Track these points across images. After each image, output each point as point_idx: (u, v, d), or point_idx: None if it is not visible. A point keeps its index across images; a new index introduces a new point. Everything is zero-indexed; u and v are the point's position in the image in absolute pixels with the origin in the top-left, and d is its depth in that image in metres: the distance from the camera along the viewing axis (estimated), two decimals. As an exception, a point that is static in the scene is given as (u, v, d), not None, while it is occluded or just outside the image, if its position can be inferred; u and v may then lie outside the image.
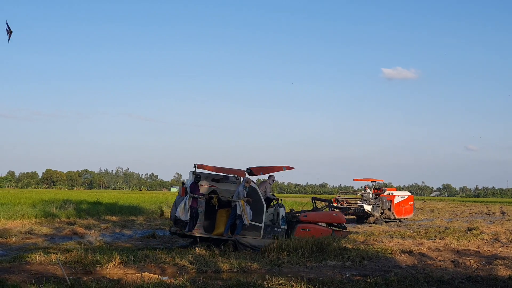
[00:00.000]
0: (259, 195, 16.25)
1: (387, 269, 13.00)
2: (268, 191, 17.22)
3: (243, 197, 15.78)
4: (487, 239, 19.73)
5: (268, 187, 17.34)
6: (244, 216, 15.66)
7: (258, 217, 16.05)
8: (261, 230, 16.00)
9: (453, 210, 49.92)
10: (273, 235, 16.01)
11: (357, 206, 30.17)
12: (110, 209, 31.08)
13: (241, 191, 15.88)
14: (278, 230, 16.23)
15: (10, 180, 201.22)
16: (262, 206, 16.12)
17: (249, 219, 15.76)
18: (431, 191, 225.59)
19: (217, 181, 16.87)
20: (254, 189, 16.29)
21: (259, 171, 17.08)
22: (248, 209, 15.80)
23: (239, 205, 15.69)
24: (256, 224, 16.01)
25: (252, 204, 16.03)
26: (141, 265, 12.62)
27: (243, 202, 15.69)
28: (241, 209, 15.66)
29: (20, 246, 16.33)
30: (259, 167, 17.13)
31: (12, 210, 26.35)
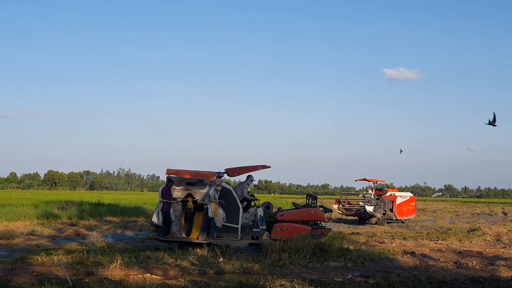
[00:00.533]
0: (234, 196, 16.16)
1: (389, 270, 12.98)
2: (245, 191, 17.09)
3: (214, 199, 15.76)
4: (489, 240, 19.71)
5: (245, 187, 17.19)
6: (216, 218, 15.62)
7: (234, 219, 16.00)
8: (238, 232, 15.96)
9: (455, 211, 49.88)
10: (252, 236, 16.00)
11: (359, 207, 30.16)
12: (112, 210, 31.11)
13: (211, 194, 15.85)
14: (257, 231, 16.11)
15: (12, 181, 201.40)
16: (237, 207, 16.05)
17: (221, 221, 15.70)
18: (433, 192, 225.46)
19: (192, 184, 16.78)
20: (228, 191, 16.23)
21: (233, 172, 17.06)
22: (221, 211, 15.74)
23: (211, 207, 15.67)
24: (232, 225, 15.98)
25: (227, 205, 15.99)
26: (143, 266, 12.62)
27: (214, 204, 15.65)
28: (213, 211, 15.65)
29: (22, 247, 16.34)
30: (234, 168, 17.11)
31: (14, 211, 26.38)
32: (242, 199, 16.80)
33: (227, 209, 15.98)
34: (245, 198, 16.95)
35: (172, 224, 16.09)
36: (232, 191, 16.30)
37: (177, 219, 16.11)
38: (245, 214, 16.66)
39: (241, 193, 16.88)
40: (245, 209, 16.79)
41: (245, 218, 16.62)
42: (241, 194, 16.84)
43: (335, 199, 33.05)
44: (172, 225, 16.09)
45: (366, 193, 31.83)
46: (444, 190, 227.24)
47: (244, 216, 16.61)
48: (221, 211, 15.75)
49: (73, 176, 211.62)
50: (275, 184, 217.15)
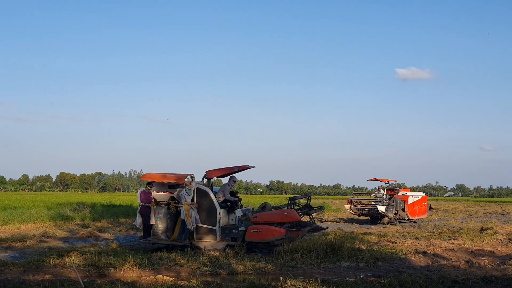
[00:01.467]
0: (210, 198, 16.14)
1: (401, 270, 12.94)
2: (226, 193, 17.04)
3: (185, 202, 15.80)
4: (502, 239, 19.58)
5: (226, 189, 17.16)
6: (187, 220, 15.70)
7: (211, 220, 16.00)
8: (216, 233, 15.95)
9: (467, 210, 49.63)
10: (232, 237, 15.98)
11: (371, 207, 30.07)
12: (124, 212, 31.22)
13: (181, 196, 15.92)
14: (236, 232, 16.04)
15: (24, 183, 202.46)
16: (214, 208, 16.02)
17: (193, 223, 15.74)
18: (445, 191, 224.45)
19: (173, 187, 16.83)
20: (205, 192, 16.24)
21: (211, 174, 17.10)
22: (194, 213, 15.79)
23: (183, 210, 15.77)
24: (210, 227, 16.00)
25: (203, 207, 16.05)
26: (155, 267, 12.67)
27: (186, 207, 15.73)
28: (184, 214, 15.73)
29: (34, 249, 16.43)
30: (213, 170, 17.12)
31: (26, 214, 26.55)
32: (224, 200, 16.81)
33: (205, 210, 16.05)
34: (226, 199, 16.92)
35: (156, 227, 16.23)
36: (209, 192, 16.25)
37: (161, 221, 16.26)
38: (231, 216, 16.68)
39: (222, 195, 16.91)
40: (230, 210, 16.78)
41: (231, 219, 16.65)
42: (222, 196, 16.88)
43: (347, 199, 32.94)
44: (156, 228, 16.24)
45: (378, 193, 31.72)
46: (456, 189, 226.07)
47: (230, 218, 16.66)
48: (194, 213, 15.84)
49: (85, 177, 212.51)
50: (287, 184, 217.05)
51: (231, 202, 16.97)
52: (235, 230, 16.12)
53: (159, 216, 16.26)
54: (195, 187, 16.20)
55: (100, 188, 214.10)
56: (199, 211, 16.02)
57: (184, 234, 16.07)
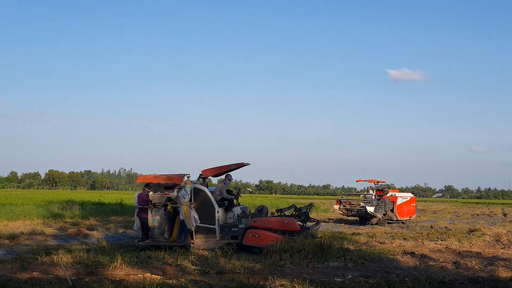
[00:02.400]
0: (208, 197, 16.16)
1: (389, 270, 13.00)
2: (223, 191, 17.03)
3: (184, 201, 15.80)
4: (489, 240, 19.72)
5: (223, 187, 17.13)
6: (187, 220, 15.69)
7: (210, 219, 16.04)
8: (215, 232, 15.99)
9: (455, 212, 49.86)
10: (231, 236, 16.00)
11: (360, 208, 30.16)
12: (113, 210, 31.15)
13: (181, 196, 15.90)
14: (235, 230, 16.07)
15: (12, 180, 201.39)
16: (212, 207, 16.06)
17: (193, 223, 15.73)
18: (433, 192, 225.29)
19: (170, 188, 16.80)
20: (202, 191, 16.25)
21: (207, 173, 17.12)
22: (193, 213, 15.78)
23: (182, 210, 15.75)
24: (209, 226, 16.03)
25: (201, 206, 16.06)
26: (144, 266, 12.66)
27: (185, 207, 15.72)
28: (184, 214, 15.72)
29: (22, 247, 16.38)
30: (209, 168, 17.14)
31: (15, 211, 26.42)
32: (221, 199, 16.80)
33: (203, 210, 16.04)
34: (223, 198, 16.91)
35: (154, 229, 16.18)
36: (206, 191, 16.26)
37: (159, 223, 16.19)
38: (229, 214, 16.67)
39: (219, 193, 16.89)
40: (228, 208, 16.78)
41: (229, 218, 16.64)
42: (219, 194, 16.86)
43: (336, 200, 33.03)
44: (154, 230, 16.18)
45: (367, 193, 31.84)
46: (444, 191, 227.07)
47: (228, 216, 16.65)
48: (193, 213, 15.80)
49: (73, 175, 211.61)
50: (276, 184, 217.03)
51: (229, 200, 16.95)
52: (235, 228, 16.12)
53: (156, 218, 16.16)
54: (192, 186, 16.16)
55: (89, 186, 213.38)
56: (197, 211, 15.97)
57: (183, 234, 16.03)
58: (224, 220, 16.54)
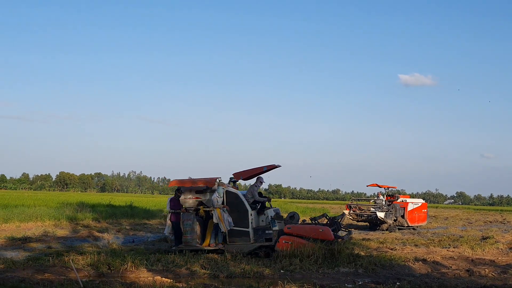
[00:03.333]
0: (240, 199, 16.04)
1: (401, 277, 12.90)
2: (255, 194, 16.86)
3: (217, 205, 15.70)
4: (502, 248, 19.54)
5: (255, 190, 16.95)
6: (221, 224, 15.55)
7: (244, 222, 15.90)
8: (249, 235, 15.86)
9: (468, 219, 49.54)
10: (265, 238, 15.83)
11: (370, 213, 30.00)
12: (123, 213, 31.18)
13: (214, 200, 15.78)
14: (269, 233, 15.90)
15: (24, 182, 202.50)
16: (245, 210, 15.93)
17: (227, 226, 15.60)
18: (445, 199, 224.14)
19: (201, 192, 16.62)
20: (234, 194, 16.15)
21: (239, 176, 17.02)
22: (226, 216, 15.67)
23: (215, 213, 15.63)
24: (243, 229, 15.90)
25: (234, 209, 15.94)
26: (154, 269, 12.64)
27: (218, 210, 15.59)
28: (217, 217, 15.59)
29: (33, 248, 16.41)
30: (239, 172, 17.03)
31: (26, 212, 26.52)
32: (253, 201, 16.64)
33: (236, 213, 15.91)
34: (255, 200, 16.76)
35: (187, 234, 16.03)
36: (238, 194, 16.17)
37: (191, 227, 16.04)
38: (262, 217, 16.50)
39: (251, 196, 16.71)
40: (260, 211, 16.60)
41: (261, 221, 16.46)
42: (251, 197, 16.69)
43: (346, 205, 32.89)
44: (186, 234, 16.04)
45: (377, 199, 31.67)
46: (456, 197, 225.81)
47: (261, 219, 16.47)
48: (226, 216, 15.68)
49: (84, 177, 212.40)
50: (285, 188, 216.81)
51: (261, 203, 16.82)
52: (269, 230, 15.96)
53: (188, 223, 16.06)
54: (225, 189, 16.08)
55: (99, 188, 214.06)
56: (230, 214, 15.85)
57: (217, 238, 15.91)
58: (257, 223, 16.36)
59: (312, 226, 16.46)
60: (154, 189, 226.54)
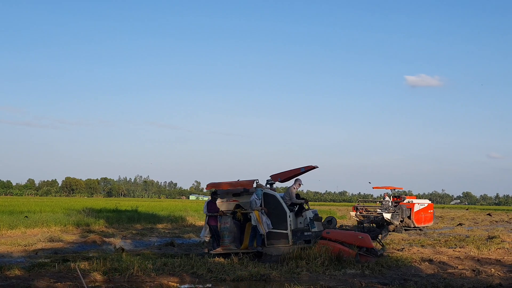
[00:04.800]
0: (279, 201, 15.91)
1: (407, 277, 12.88)
2: (293, 196, 16.58)
3: (255, 207, 15.63)
4: (508, 247, 19.49)
5: (292, 192, 16.66)
6: (259, 226, 15.46)
7: (282, 224, 15.73)
8: (288, 237, 15.65)
9: (474, 219, 49.43)
10: (304, 240, 15.60)
11: (377, 214, 29.97)
12: (130, 217, 31.22)
13: (252, 201, 15.69)
14: (309, 234, 15.68)
15: (30, 188, 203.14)
16: (284, 212, 15.76)
17: (266, 228, 15.50)
18: (451, 199, 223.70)
19: (238, 195, 16.58)
20: (272, 196, 16.03)
21: (277, 178, 16.87)
22: (265, 218, 15.57)
23: (253, 215, 15.54)
24: (281, 231, 15.73)
25: (272, 211, 15.79)
26: (160, 273, 12.64)
27: (257, 212, 15.49)
28: (256, 219, 15.49)
29: (39, 254, 16.45)
30: (277, 173, 16.93)
31: (32, 218, 26.58)
32: (291, 204, 16.39)
33: (274, 215, 15.78)
34: (293, 203, 16.47)
35: (224, 237, 15.96)
36: (277, 196, 16.02)
37: (229, 230, 15.97)
38: (300, 219, 16.22)
39: (289, 198, 16.44)
40: (298, 213, 16.34)
41: (299, 223, 16.18)
42: (289, 199, 16.42)
43: (353, 206, 32.87)
44: (224, 238, 15.98)
45: (384, 200, 31.64)
46: (462, 197, 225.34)
47: (299, 221, 16.19)
48: (265, 218, 15.57)
49: (90, 183, 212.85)
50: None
51: (299, 205, 16.62)
52: (308, 232, 15.78)
53: (226, 226, 15.98)
54: (263, 192, 15.98)
55: (105, 193, 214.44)
56: (268, 216, 15.75)
57: (256, 240, 15.79)
58: (295, 225, 16.11)
59: (351, 232, 16.29)
60: (161, 193, 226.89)
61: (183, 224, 31.83)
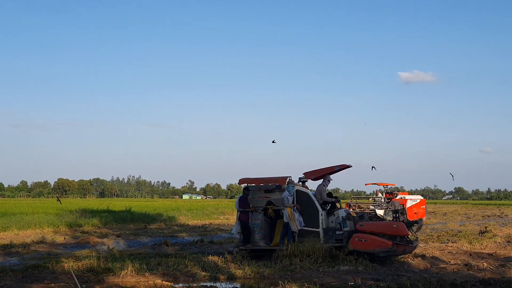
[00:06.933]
0: (312, 199, 15.80)
1: (400, 273, 12.96)
2: (323, 194, 16.40)
3: (287, 203, 15.56)
4: (500, 242, 19.64)
5: (323, 190, 16.46)
6: (291, 223, 15.37)
7: (314, 222, 15.62)
8: (319, 236, 15.49)
9: (466, 213, 49.67)
10: (336, 239, 15.43)
11: (369, 211, 30.02)
12: (123, 217, 31.20)
13: (284, 198, 15.62)
14: (340, 233, 15.50)
15: (22, 189, 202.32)
16: (316, 210, 15.64)
17: (298, 225, 15.39)
18: (443, 194, 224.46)
19: (270, 191, 16.50)
20: (305, 194, 15.93)
21: (310, 175, 16.71)
22: (297, 215, 15.48)
23: (286, 212, 15.46)
24: (313, 229, 15.59)
25: (305, 209, 15.71)
26: (154, 273, 12.65)
27: (289, 209, 15.41)
28: (288, 216, 15.41)
29: (33, 256, 16.41)
30: (310, 171, 16.82)
31: (25, 220, 26.54)
32: (322, 202, 16.24)
33: (305, 212, 15.70)
34: (324, 201, 16.32)
35: (254, 233, 15.95)
36: (309, 194, 15.95)
37: (259, 227, 15.95)
38: (331, 218, 16.03)
39: (320, 196, 16.30)
40: (330, 212, 16.18)
41: (331, 222, 15.99)
42: (320, 198, 16.26)
43: (346, 203, 32.94)
44: (254, 234, 15.96)
45: (376, 196, 31.74)
46: (454, 192, 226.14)
47: (330, 220, 16.01)
48: (297, 215, 15.50)
49: (83, 183, 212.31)
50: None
51: (331, 203, 16.44)
52: (339, 231, 15.59)
53: (256, 222, 15.96)
54: (295, 189, 15.91)
55: (98, 194, 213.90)
56: (300, 214, 15.67)
57: (287, 237, 15.69)
58: (327, 224, 15.93)
59: (386, 222, 16.31)
60: (154, 193, 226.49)
61: (176, 223, 31.83)
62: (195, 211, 42.57)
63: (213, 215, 40.31)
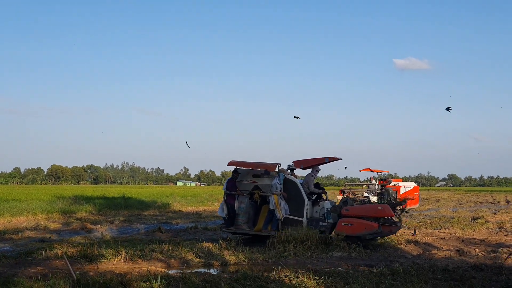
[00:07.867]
0: (299, 188, 15.88)
1: (393, 259, 13.03)
2: (311, 184, 16.50)
3: (276, 191, 15.62)
4: (492, 228, 19.76)
5: (310, 180, 16.58)
6: (277, 210, 15.45)
7: (299, 211, 15.72)
8: (303, 225, 15.56)
9: (458, 200, 49.89)
10: (319, 230, 15.45)
11: (363, 198, 30.16)
12: (117, 204, 31.18)
13: (273, 185, 15.69)
14: (323, 225, 15.61)
15: (16, 176, 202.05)
16: (302, 200, 15.74)
17: (283, 213, 15.50)
18: (436, 181, 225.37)
19: (258, 176, 16.60)
20: (292, 183, 16.00)
21: (299, 164, 16.81)
22: (283, 203, 15.56)
23: (272, 199, 15.53)
24: (297, 218, 15.69)
25: (291, 198, 15.81)
26: (148, 259, 12.67)
27: (276, 196, 15.48)
28: (274, 203, 15.48)
29: (26, 242, 16.40)
30: (300, 160, 16.86)
31: (18, 206, 26.49)
32: (309, 192, 16.33)
33: (292, 201, 15.79)
34: (311, 191, 16.39)
35: (239, 216, 16.04)
36: (297, 183, 16.00)
37: (244, 211, 16.06)
38: (316, 208, 16.09)
39: (307, 186, 16.38)
40: (315, 202, 16.24)
41: (315, 212, 16.06)
42: (307, 187, 16.36)
43: (340, 190, 33.06)
44: (238, 217, 16.05)
45: (370, 183, 31.84)
46: (447, 179, 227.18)
47: (315, 210, 16.08)
48: (283, 203, 15.57)
49: (76, 170, 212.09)
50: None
51: (317, 194, 16.50)
52: (323, 222, 15.69)
53: (242, 206, 16.05)
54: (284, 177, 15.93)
55: (92, 180, 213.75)
56: (286, 202, 15.75)
57: (271, 224, 15.79)
58: (311, 214, 16.03)
59: (370, 205, 16.67)
60: (148, 180, 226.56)
61: (170, 210, 31.83)
62: (189, 198, 42.58)
63: (207, 201, 40.33)
